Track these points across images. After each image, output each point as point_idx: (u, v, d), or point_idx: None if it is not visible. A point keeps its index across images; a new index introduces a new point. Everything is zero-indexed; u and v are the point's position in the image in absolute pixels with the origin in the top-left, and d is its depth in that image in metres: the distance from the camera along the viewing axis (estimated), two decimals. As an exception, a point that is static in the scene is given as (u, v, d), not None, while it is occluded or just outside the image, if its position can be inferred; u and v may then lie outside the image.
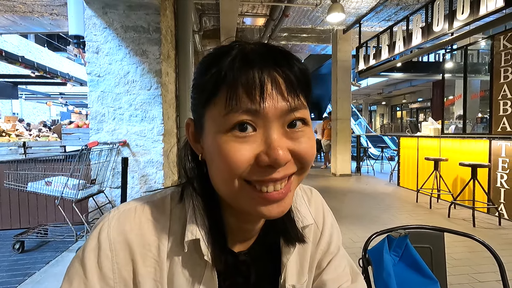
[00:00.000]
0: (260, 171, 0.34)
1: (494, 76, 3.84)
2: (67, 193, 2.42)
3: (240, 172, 0.34)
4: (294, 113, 0.35)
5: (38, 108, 13.08)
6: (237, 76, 0.33)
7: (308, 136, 0.37)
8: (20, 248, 2.50)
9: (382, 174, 6.94)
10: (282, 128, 0.35)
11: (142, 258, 0.39)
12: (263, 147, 0.34)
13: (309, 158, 0.37)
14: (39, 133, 4.26)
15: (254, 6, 4.90)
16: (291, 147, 0.35)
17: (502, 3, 2.92)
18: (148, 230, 0.40)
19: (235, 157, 0.33)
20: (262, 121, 0.34)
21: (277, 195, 0.35)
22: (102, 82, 2.84)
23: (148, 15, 2.83)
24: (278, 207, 0.36)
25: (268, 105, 0.33)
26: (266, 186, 0.35)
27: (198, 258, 0.40)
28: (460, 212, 3.77)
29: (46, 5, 4.34)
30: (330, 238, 0.51)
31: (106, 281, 0.37)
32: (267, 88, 0.33)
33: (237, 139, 0.34)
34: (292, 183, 0.37)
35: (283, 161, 0.33)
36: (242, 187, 0.35)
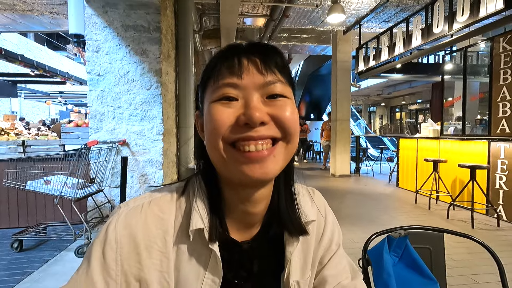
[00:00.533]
0: (239, 130, 0.39)
1: (493, 78, 3.85)
2: (66, 192, 2.41)
3: (223, 131, 0.39)
4: (271, 86, 0.40)
5: (37, 107, 13.05)
6: (222, 61, 0.41)
7: (289, 106, 0.41)
8: (18, 247, 2.49)
9: (381, 175, 6.95)
10: (262, 98, 0.40)
11: (147, 251, 0.41)
12: (243, 110, 0.39)
13: (289, 123, 0.40)
14: (38, 132, 4.25)
15: (255, 7, 4.90)
16: (270, 111, 0.40)
17: (501, 5, 2.93)
18: (153, 224, 0.42)
19: (219, 117, 0.39)
20: (242, 92, 0.40)
21: (257, 154, 0.38)
22: (102, 81, 2.83)
23: (148, 14, 2.83)
24: (260, 168, 0.39)
25: (246, 78, 0.40)
26: (247, 145, 0.39)
27: (203, 246, 0.42)
28: (459, 213, 3.77)
29: (46, 3, 4.33)
30: (331, 235, 0.54)
31: (108, 271, 0.39)
32: (244, 65, 0.40)
33: (223, 105, 0.40)
34: (276, 149, 0.40)
35: (258, 119, 0.38)
36: (227, 149, 0.39)
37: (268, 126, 0.39)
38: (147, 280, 0.40)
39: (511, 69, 3.63)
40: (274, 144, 0.40)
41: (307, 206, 0.51)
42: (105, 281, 0.39)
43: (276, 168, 0.40)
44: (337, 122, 6.69)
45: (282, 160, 0.41)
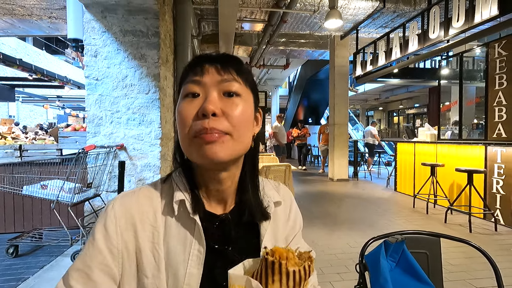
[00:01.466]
0: (199, 122, 0.46)
1: (489, 83, 3.88)
2: (63, 196, 2.40)
3: (188, 123, 0.47)
4: (227, 84, 0.48)
5: (35, 111, 13.01)
6: (190, 67, 0.51)
7: (241, 105, 0.49)
8: (14, 252, 2.47)
9: (379, 179, 6.96)
10: (219, 94, 0.48)
11: (141, 224, 0.49)
12: (202, 103, 0.47)
13: (237, 119, 0.48)
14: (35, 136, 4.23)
15: (253, 12, 4.94)
16: (223, 107, 0.47)
17: (496, 12, 2.97)
18: (145, 202, 0.51)
19: (184, 111, 0.48)
20: (203, 89, 0.48)
21: (209, 137, 0.46)
22: (100, 86, 2.84)
23: (147, 19, 2.85)
24: (211, 148, 0.46)
25: (206, 77, 0.48)
26: (204, 134, 0.46)
27: (187, 219, 0.50)
28: (457, 217, 3.78)
29: (45, 8, 4.34)
30: (295, 218, 0.63)
31: (111, 241, 0.47)
32: (205, 67, 0.49)
33: (187, 102, 0.48)
34: (225, 137, 0.47)
35: (210, 110, 0.45)
36: (192, 141, 0.47)
37: (219, 119, 0.46)
38: (141, 249, 0.47)
39: (506, 74, 3.67)
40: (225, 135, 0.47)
41: (272, 192, 0.60)
42: (108, 249, 0.46)
43: (224, 152, 0.47)
44: (335, 126, 6.71)
45: (230, 149, 0.47)
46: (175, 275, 0.47)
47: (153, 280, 0.46)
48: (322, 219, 3.68)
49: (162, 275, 0.47)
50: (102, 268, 0.45)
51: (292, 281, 0.35)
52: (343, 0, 4.51)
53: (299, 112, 13.12)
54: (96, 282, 0.45)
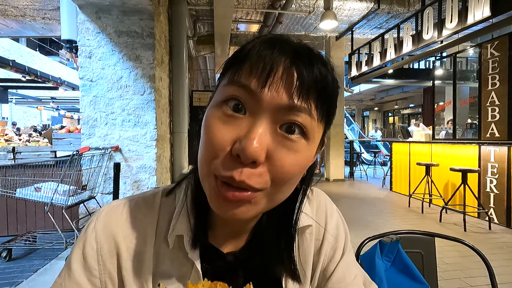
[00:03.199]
0: (227, 163, 0.31)
1: (482, 83, 3.93)
2: (57, 199, 2.37)
3: (214, 154, 0.31)
4: (293, 114, 0.31)
5: (29, 112, 12.87)
6: (252, 55, 0.32)
7: (298, 150, 0.32)
8: (7, 256, 2.44)
9: (375, 179, 7.00)
10: (273, 125, 0.31)
11: (127, 253, 0.38)
12: (243, 133, 0.30)
13: (285, 171, 0.31)
14: (29, 138, 4.19)
15: (248, 13, 4.94)
16: (272, 151, 0.31)
17: (488, 13, 3.01)
18: (134, 225, 0.39)
19: (216, 134, 0.31)
20: (254, 105, 0.31)
21: (232, 196, 0.31)
22: (94, 87, 2.82)
23: (142, 20, 2.84)
24: (230, 209, 0.32)
25: (268, 90, 0.30)
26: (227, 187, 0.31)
27: (183, 256, 0.38)
28: (452, 216, 3.81)
29: (38, 9, 4.30)
30: (335, 241, 0.46)
31: (91, 271, 0.37)
32: (274, 74, 0.31)
33: (224, 116, 0.32)
34: (257, 195, 0.32)
35: (252, 156, 0.29)
36: (210, 176, 0.32)
37: (259, 169, 0.31)
38: (126, 284, 0.38)
39: (499, 75, 3.71)
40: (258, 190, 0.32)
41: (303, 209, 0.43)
42: (89, 281, 0.37)
43: (251, 213, 0.33)
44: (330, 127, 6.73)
45: (261, 209, 0.34)
46: None
47: None
48: (318, 220, 3.68)
49: None
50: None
51: None
52: (338, 1, 4.54)
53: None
54: None
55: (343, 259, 0.45)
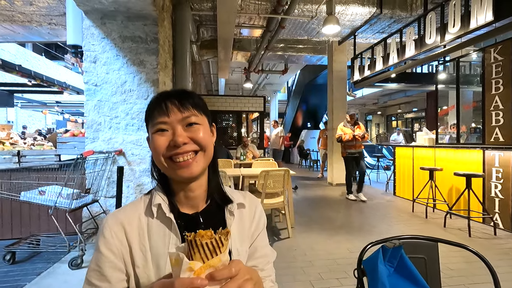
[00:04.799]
0: (171, 149, 0.61)
1: (485, 87, 3.91)
2: (61, 202, 2.39)
3: (161, 151, 0.62)
4: (188, 119, 0.63)
5: (34, 116, 13.00)
6: (155, 106, 0.64)
7: (201, 129, 0.64)
8: (11, 259, 2.45)
9: (378, 184, 6.95)
10: (183, 127, 0.63)
11: (129, 227, 0.63)
12: (172, 137, 0.62)
13: (202, 140, 0.63)
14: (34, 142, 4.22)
15: (251, 18, 4.98)
16: (189, 135, 0.63)
17: (491, 18, 3.00)
18: (130, 211, 0.65)
19: (157, 143, 0.62)
20: (170, 125, 0.62)
21: (184, 163, 0.62)
22: (99, 91, 2.85)
23: (146, 25, 2.87)
24: (187, 170, 0.62)
25: (171, 116, 0.62)
26: (178, 158, 0.61)
27: (164, 219, 0.64)
28: (456, 222, 3.77)
29: (44, 14, 4.37)
30: (260, 218, 0.75)
31: (109, 243, 0.61)
32: (168, 107, 0.62)
33: (159, 135, 0.63)
34: (197, 157, 0.63)
35: (181, 142, 0.61)
36: (166, 161, 0.63)
37: (189, 144, 0.62)
38: (131, 245, 0.61)
39: (502, 79, 3.70)
40: (196, 154, 0.63)
41: (237, 196, 0.73)
42: (110, 250, 0.60)
43: (198, 169, 0.63)
44: (333, 131, 6.72)
45: (203, 163, 0.64)
46: (158, 265, 0.61)
47: (143, 269, 0.60)
48: (321, 224, 3.66)
49: (149, 264, 0.61)
50: (110, 265, 0.60)
51: (208, 251, 0.45)
52: (341, 6, 4.56)
53: (298, 117, 13.15)
54: (107, 276, 0.59)
55: (262, 232, 0.75)
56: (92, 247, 2.70)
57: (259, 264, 0.71)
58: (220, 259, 0.46)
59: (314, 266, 2.47)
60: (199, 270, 0.44)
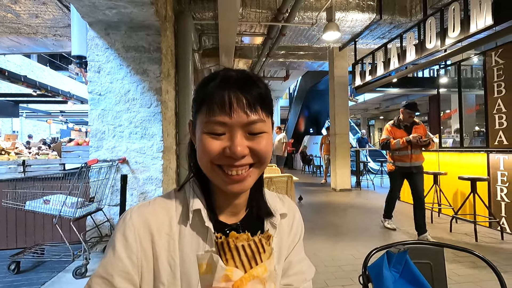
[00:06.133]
0: (225, 159, 0.49)
1: (488, 91, 3.91)
2: (65, 211, 2.40)
3: (211, 158, 0.49)
4: (253, 126, 0.49)
5: (38, 126, 13.14)
6: (214, 97, 0.49)
7: (265, 139, 0.51)
8: (15, 268, 2.45)
9: (382, 188, 6.90)
10: (244, 133, 0.49)
11: (158, 233, 0.51)
12: (229, 144, 0.48)
13: (264, 154, 0.51)
14: (38, 151, 4.27)
15: (252, 26, 5.04)
16: (250, 145, 0.50)
17: (491, 22, 3.02)
18: (160, 212, 0.53)
19: (209, 148, 0.49)
20: (229, 128, 0.49)
21: (237, 177, 0.50)
22: (103, 101, 2.88)
23: (149, 35, 2.92)
24: (238, 186, 0.50)
25: (234, 117, 0.48)
26: (230, 170, 0.49)
27: (200, 227, 0.52)
28: (462, 226, 3.73)
29: (50, 26, 4.46)
30: (297, 228, 0.65)
31: (130, 249, 0.49)
32: (233, 106, 0.48)
33: (212, 137, 0.49)
34: (251, 171, 0.51)
35: (240, 153, 0.48)
36: (214, 169, 0.50)
37: (247, 157, 0.50)
38: (158, 257, 0.50)
39: (504, 82, 3.69)
40: (250, 166, 0.51)
41: (277, 204, 0.62)
42: (128, 257, 0.48)
43: (250, 184, 0.52)
44: (336, 136, 6.72)
45: (256, 177, 0.53)
46: (188, 283, 0.50)
47: (169, 287, 0.49)
48: (325, 230, 3.64)
49: (177, 282, 0.50)
50: (123, 275, 0.48)
51: (244, 256, 0.35)
52: (340, 13, 4.61)
53: (300, 123, 13.17)
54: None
55: (299, 243, 0.65)
56: (97, 256, 2.69)
57: (293, 283, 0.60)
58: (265, 268, 0.35)
59: (319, 273, 2.45)
60: (239, 281, 0.33)
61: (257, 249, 0.36)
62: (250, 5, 4.42)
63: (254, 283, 0.33)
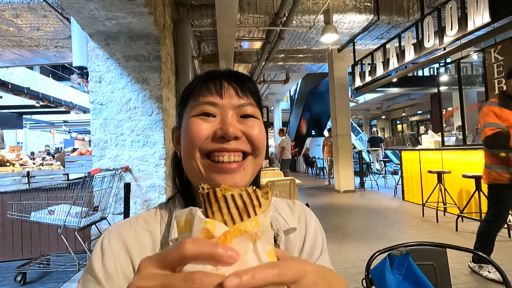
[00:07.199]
0: (215, 142, 0.44)
1: (488, 87, 3.90)
2: (70, 221, 2.42)
3: (200, 142, 0.44)
4: (245, 108, 0.46)
5: (42, 136, 13.26)
6: (203, 82, 0.47)
7: (257, 125, 0.47)
8: (22, 280, 2.47)
9: (386, 189, 6.87)
10: (236, 117, 0.46)
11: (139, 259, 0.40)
12: (220, 125, 0.44)
13: (258, 139, 0.46)
14: (42, 162, 4.30)
15: (250, 31, 5.08)
16: (243, 129, 0.45)
17: (488, 19, 3.02)
18: (142, 235, 0.47)
19: (197, 130, 0.44)
20: (220, 110, 0.45)
21: (229, 166, 0.44)
22: (104, 110, 2.91)
23: (148, 44, 2.95)
24: (231, 178, 0.44)
25: (225, 98, 0.46)
26: (221, 156, 0.44)
27: None
28: (468, 225, 3.69)
29: (51, 38, 4.53)
30: (314, 240, 0.55)
31: (112, 280, 0.43)
32: (224, 86, 0.46)
33: (202, 119, 0.45)
34: (246, 162, 0.46)
35: (232, 133, 0.43)
36: (202, 159, 0.45)
37: (240, 140, 0.45)
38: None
39: (505, 79, 3.68)
40: (244, 158, 0.46)
41: (287, 215, 0.53)
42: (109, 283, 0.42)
43: (244, 180, 0.46)
44: (338, 137, 6.71)
45: (250, 173, 0.47)
46: None
47: None
48: (330, 232, 3.62)
49: None
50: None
51: (234, 208, 0.27)
52: (338, 15, 4.63)
53: (302, 125, 13.17)
54: None
55: (321, 257, 0.53)
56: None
57: None
58: (258, 222, 0.26)
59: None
60: (222, 237, 0.25)
61: (251, 201, 0.27)
62: (247, 10, 4.46)
63: (242, 239, 0.25)
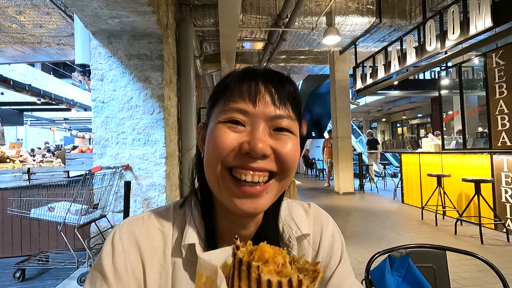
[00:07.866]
0: (240, 158, 0.39)
1: (489, 92, 3.90)
2: (70, 218, 2.42)
3: (224, 155, 0.39)
4: (281, 120, 0.41)
5: (42, 133, 13.26)
6: (237, 83, 0.41)
7: (292, 142, 0.41)
8: (20, 276, 2.46)
9: (385, 191, 6.87)
10: (268, 129, 0.40)
11: (150, 262, 0.42)
12: (248, 138, 0.39)
13: (289, 159, 0.40)
14: (43, 159, 4.31)
15: (253, 31, 5.09)
16: (273, 145, 0.40)
17: (490, 23, 3.03)
18: (155, 235, 0.44)
19: (223, 140, 0.39)
20: (251, 120, 0.40)
21: (252, 190, 0.39)
22: (106, 108, 2.92)
23: (151, 43, 2.96)
24: (252, 203, 0.39)
25: (258, 107, 0.40)
26: (245, 174, 0.39)
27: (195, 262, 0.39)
28: (467, 228, 3.70)
29: (53, 36, 4.53)
30: (330, 247, 0.50)
31: (121, 281, 0.41)
32: (260, 93, 0.40)
33: (229, 128, 0.40)
34: (270, 185, 0.41)
35: (261, 150, 0.38)
36: (223, 174, 0.40)
37: (268, 159, 0.39)
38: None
39: (506, 83, 3.69)
40: (270, 178, 0.40)
41: (301, 219, 0.50)
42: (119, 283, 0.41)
43: (266, 204, 0.41)
44: (338, 139, 6.72)
45: (274, 196, 0.42)
46: None
47: None
48: (329, 234, 3.62)
49: None
50: None
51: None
52: (340, 17, 4.64)
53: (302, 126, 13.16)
54: None
55: (340, 266, 0.49)
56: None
57: None
58: None
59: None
60: None
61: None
62: (250, 11, 4.47)
63: None
